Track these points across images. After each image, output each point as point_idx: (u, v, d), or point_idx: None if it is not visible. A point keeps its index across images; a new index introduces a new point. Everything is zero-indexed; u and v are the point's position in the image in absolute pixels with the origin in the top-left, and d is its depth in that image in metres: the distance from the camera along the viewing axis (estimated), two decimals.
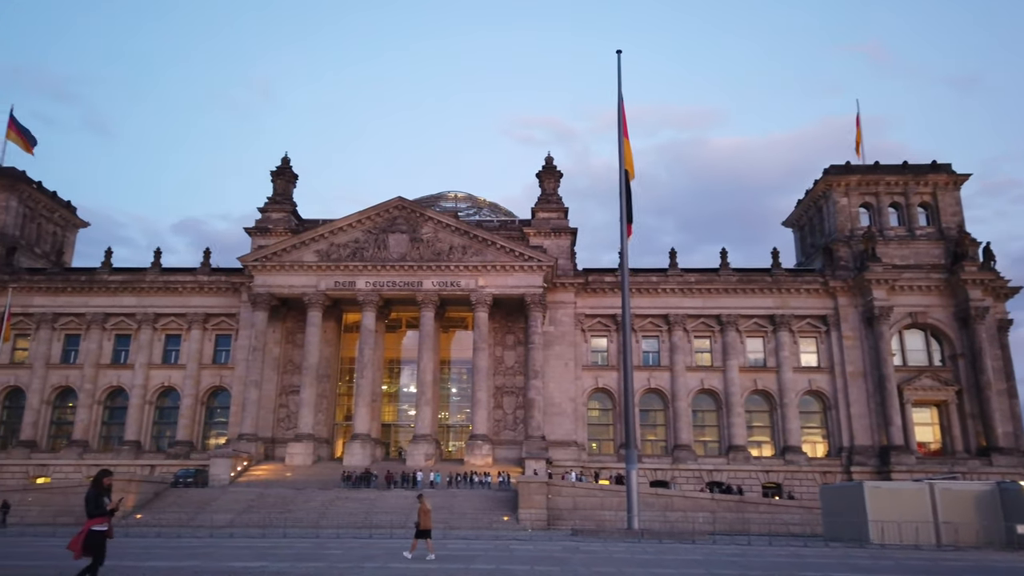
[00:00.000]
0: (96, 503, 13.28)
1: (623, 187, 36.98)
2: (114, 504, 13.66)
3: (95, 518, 13.20)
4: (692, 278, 70.89)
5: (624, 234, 37.58)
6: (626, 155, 37.81)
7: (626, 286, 39.55)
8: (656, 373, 69.46)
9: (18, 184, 75.11)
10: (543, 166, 74.00)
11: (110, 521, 13.55)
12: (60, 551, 23.82)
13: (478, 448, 61.00)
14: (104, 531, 13.33)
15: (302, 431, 62.34)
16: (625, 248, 37.86)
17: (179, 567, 17.36)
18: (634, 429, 38.44)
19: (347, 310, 69.86)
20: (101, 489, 13.54)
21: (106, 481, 13.72)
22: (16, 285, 70.78)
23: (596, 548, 28.01)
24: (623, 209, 37.16)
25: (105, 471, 13.97)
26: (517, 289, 65.26)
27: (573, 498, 47.48)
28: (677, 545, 31.19)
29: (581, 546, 29.24)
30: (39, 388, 69.80)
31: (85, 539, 13.01)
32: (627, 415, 36.45)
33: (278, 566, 18.04)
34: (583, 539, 34.17)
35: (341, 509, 46.03)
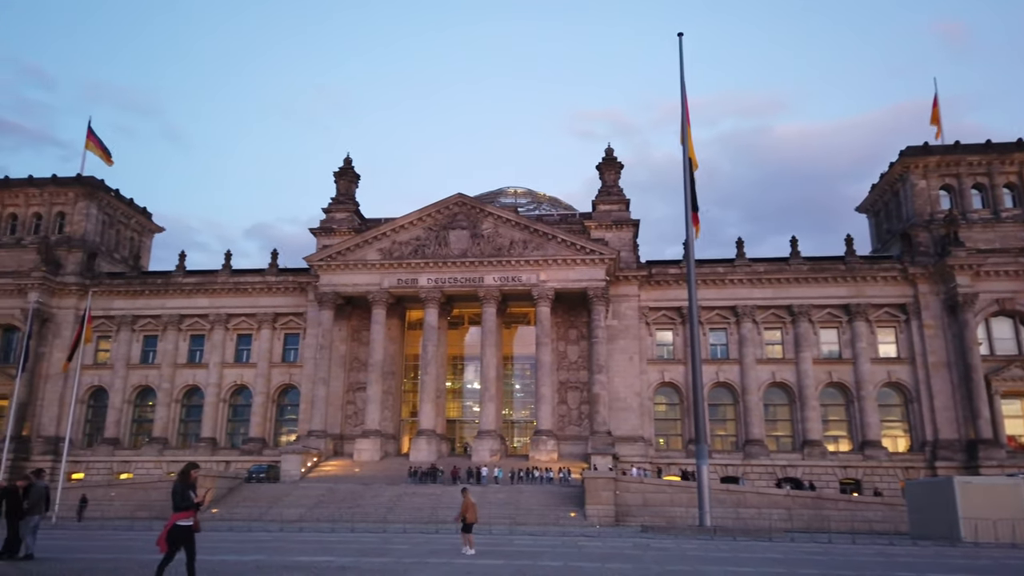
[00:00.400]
0: (182, 496, 13.09)
1: (687, 173, 35.83)
2: (200, 498, 13.48)
3: (181, 512, 13.02)
4: (761, 268, 68.72)
5: (689, 222, 36.42)
6: (689, 141, 36.61)
7: (692, 276, 38.34)
8: (725, 366, 67.61)
9: (97, 192, 78.32)
10: (603, 158, 72.95)
11: (196, 515, 13.30)
12: (136, 544, 24.42)
13: (543, 444, 60.49)
14: (189, 525, 13.11)
15: (369, 427, 63.05)
16: (691, 237, 36.70)
17: (244, 560, 17.40)
18: (704, 423, 37.29)
19: (410, 307, 70.33)
20: (188, 482, 13.32)
21: (193, 475, 13.46)
22: (97, 289, 73.73)
23: (668, 545, 27.14)
24: (688, 196, 36.01)
25: (192, 464, 13.71)
26: (579, 283, 64.44)
27: (642, 494, 46.50)
28: (753, 543, 29.99)
29: (652, 543, 28.40)
30: (121, 387, 72.65)
31: (169, 533, 12.88)
32: (696, 409, 35.30)
33: (343, 561, 17.92)
34: (653, 536, 33.28)
35: (408, 504, 46.24)
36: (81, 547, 22.92)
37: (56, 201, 77.52)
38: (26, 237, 76.41)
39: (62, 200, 77.47)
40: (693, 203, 36.47)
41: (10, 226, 77.42)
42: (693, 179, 36.19)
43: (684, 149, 36.08)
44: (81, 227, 76.65)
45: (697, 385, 36.72)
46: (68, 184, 77.56)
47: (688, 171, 36.11)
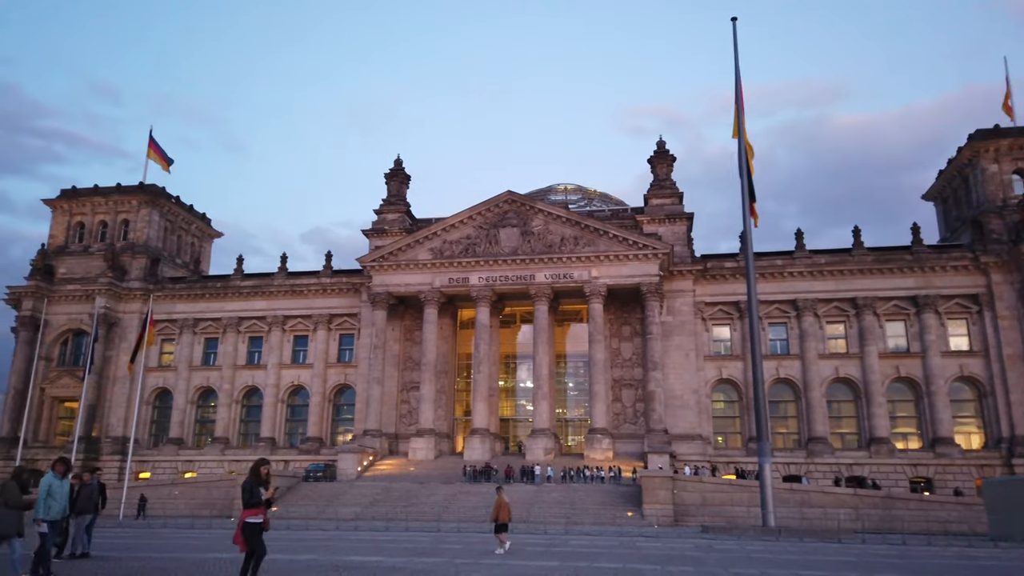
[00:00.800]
0: (251, 493, 12.68)
1: (743, 160, 34.61)
2: (270, 494, 12.94)
3: (250, 508, 12.59)
4: (822, 259, 66.45)
5: (747, 211, 35.17)
6: (743, 127, 35.36)
7: (750, 267, 37.03)
8: (785, 362, 65.59)
9: (158, 199, 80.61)
10: (655, 151, 71.65)
11: (266, 513, 12.83)
12: (190, 543, 24.64)
13: (597, 442, 59.65)
14: (259, 523, 12.66)
15: (423, 426, 63.21)
16: (748, 227, 35.44)
17: (296, 560, 17.25)
18: (765, 420, 35.97)
19: (462, 306, 70.27)
20: (258, 479, 12.87)
21: (263, 471, 12.96)
22: (160, 294, 75.93)
23: (730, 546, 26.14)
24: (745, 184, 34.78)
25: (262, 461, 13.21)
26: (632, 278, 63.34)
27: (700, 493, 45.30)
28: (822, 544, 28.68)
29: (714, 544, 27.42)
30: (184, 389, 74.57)
31: (241, 530, 12.50)
32: (757, 405, 34.10)
33: (393, 561, 17.60)
34: (714, 537, 32.21)
35: (463, 503, 46.03)
36: (138, 545, 23.25)
37: (120, 209, 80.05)
38: (93, 244, 79.12)
39: (126, 208, 79.96)
40: (750, 192, 35.21)
41: (78, 234, 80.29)
42: (750, 167, 34.94)
43: (740, 136, 34.86)
44: (144, 233, 78.97)
45: (758, 380, 35.45)
46: (131, 192, 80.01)
47: (744, 159, 34.89)
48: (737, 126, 35.51)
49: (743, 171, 34.72)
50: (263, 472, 12.98)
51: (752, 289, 36.79)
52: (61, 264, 77.82)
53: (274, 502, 13.05)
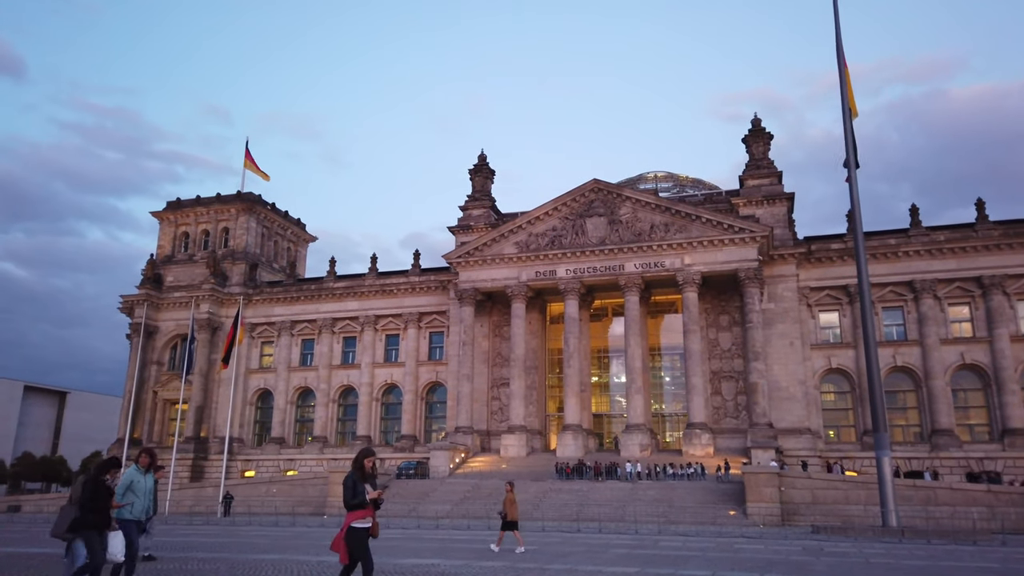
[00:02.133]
0: (355, 491, 10.49)
1: (848, 123, 31.36)
2: (377, 495, 10.72)
3: (355, 510, 10.42)
4: (941, 236, 60.85)
5: (853, 179, 31.87)
6: (848, 93, 32.08)
7: (860, 241, 33.52)
8: (902, 349, 60.44)
9: (255, 207, 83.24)
10: (749, 129, 67.76)
11: (374, 515, 10.62)
12: (263, 542, 24.13)
13: (696, 437, 56.70)
14: (366, 528, 10.44)
15: (514, 423, 62.08)
16: (855, 195, 32.10)
17: None
18: (882, 411, 32.52)
19: (550, 300, 68.72)
20: (363, 473, 10.64)
21: (368, 464, 10.75)
22: (258, 297, 78.36)
23: (845, 549, 23.34)
24: (850, 148, 31.50)
25: (367, 451, 10.95)
26: (728, 265, 59.93)
27: (810, 490, 41.88)
28: (954, 547, 25.29)
29: (825, 546, 24.65)
30: (284, 389, 76.55)
31: (345, 537, 10.33)
32: (873, 391, 30.82)
33: (450, 564, 16.15)
34: (826, 538, 29.21)
35: (554, 501, 44.45)
36: (207, 544, 22.93)
37: (220, 218, 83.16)
38: (197, 253, 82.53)
39: (225, 216, 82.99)
40: (855, 155, 31.84)
41: (183, 244, 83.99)
42: (853, 133, 31.62)
43: (843, 98, 31.60)
44: (242, 240, 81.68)
45: (873, 367, 32.09)
46: (229, 201, 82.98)
47: (848, 122, 31.61)
48: (842, 86, 32.25)
49: (848, 133, 31.44)
50: (368, 465, 10.75)
51: (863, 267, 33.35)
52: (169, 273, 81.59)
53: (382, 502, 10.89)
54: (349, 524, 10.40)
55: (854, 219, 33.16)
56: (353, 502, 10.49)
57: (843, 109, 31.33)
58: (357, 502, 10.48)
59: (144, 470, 13.52)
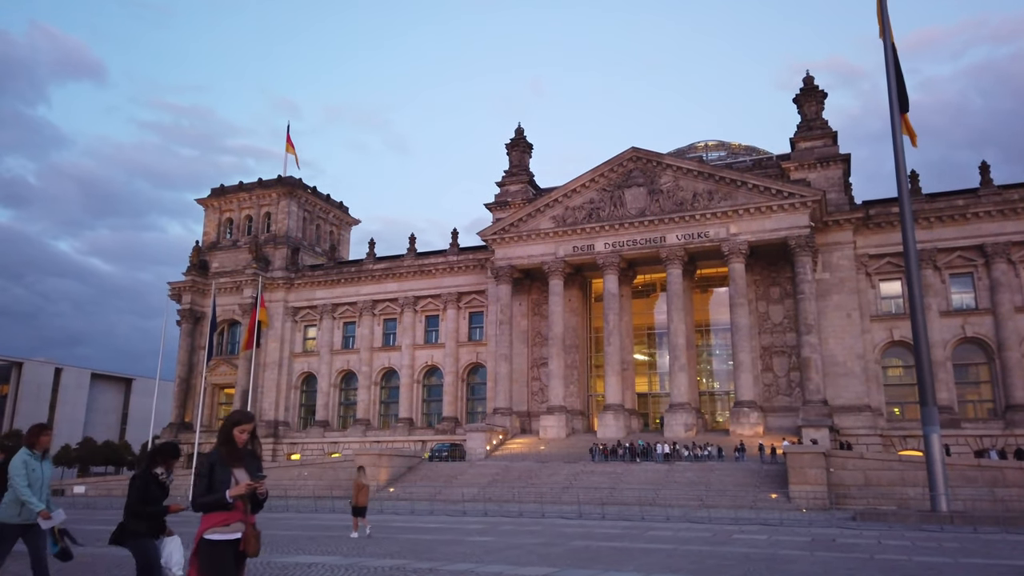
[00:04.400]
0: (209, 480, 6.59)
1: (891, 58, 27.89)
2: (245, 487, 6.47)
3: (211, 512, 6.58)
4: (1015, 195, 55.72)
5: (897, 125, 28.41)
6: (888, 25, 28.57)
7: (904, 193, 29.91)
8: (973, 319, 55.71)
9: (296, 191, 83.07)
10: (801, 88, 63.46)
11: (250, 519, 6.62)
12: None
13: (744, 416, 53.53)
14: (229, 542, 6.52)
15: (553, 403, 60.06)
16: (899, 143, 28.61)
17: (316, 564, 14.18)
18: (929, 381, 29.08)
19: (591, 277, 66.22)
20: (232, 451, 6.67)
21: (240, 434, 6.70)
22: (300, 281, 78.28)
23: (864, 540, 20.27)
24: (893, 88, 28.02)
25: (239, 415, 6.90)
26: (777, 232, 56.20)
27: (863, 471, 38.51)
28: (1001, 536, 21.99)
29: (844, 536, 21.68)
30: (327, 372, 76.38)
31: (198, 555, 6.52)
32: (920, 364, 27.53)
33: (418, 567, 13.98)
34: (861, 525, 26.14)
35: (585, 483, 42.27)
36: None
37: (262, 203, 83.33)
38: (241, 238, 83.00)
39: (267, 201, 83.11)
40: (902, 101, 28.34)
41: (227, 230, 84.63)
42: (899, 68, 28.10)
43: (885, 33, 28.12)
44: (284, 224, 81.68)
45: (919, 334, 28.72)
46: (271, 186, 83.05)
47: (892, 58, 28.10)
48: (881, 21, 28.77)
49: (891, 71, 27.96)
50: (240, 438, 6.67)
51: (908, 218, 29.86)
52: (214, 259, 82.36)
53: (264, 498, 6.73)
54: (201, 534, 6.55)
55: (899, 164, 29.57)
56: (205, 499, 6.52)
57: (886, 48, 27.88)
58: (211, 499, 6.48)
59: (40, 455, 9.56)
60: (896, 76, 27.87)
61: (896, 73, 27.91)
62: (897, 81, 27.86)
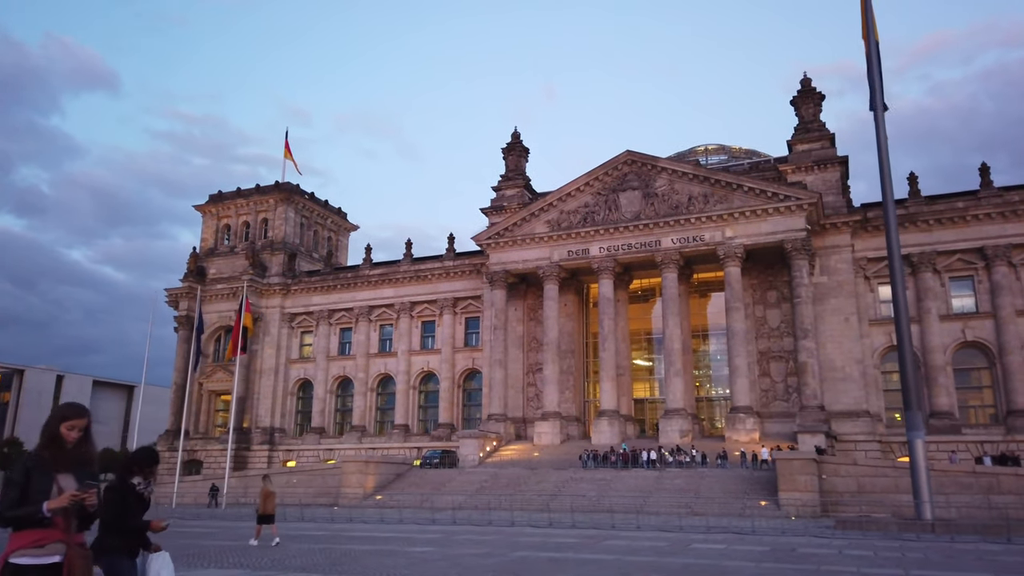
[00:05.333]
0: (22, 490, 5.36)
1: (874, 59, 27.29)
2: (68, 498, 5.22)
3: (20, 530, 5.34)
4: (1016, 197, 54.87)
5: (879, 117, 27.72)
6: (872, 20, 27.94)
7: (888, 187, 29.23)
8: (973, 322, 54.80)
9: (293, 196, 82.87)
10: (798, 90, 62.78)
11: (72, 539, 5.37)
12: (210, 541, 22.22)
13: (740, 422, 52.70)
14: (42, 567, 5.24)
15: (547, 409, 59.42)
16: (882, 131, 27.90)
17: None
18: (912, 383, 28.28)
19: (587, 281, 65.58)
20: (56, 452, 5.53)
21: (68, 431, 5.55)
22: (296, 287, 78.02)
23: (827, 551, 19.47)
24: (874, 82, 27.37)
25: (68, 408, 5.78)
26: (773, 236, 55.46)
27: (855, 478, 37.71)
28: (977, 546, 21.15)
29: (809, 546, 20.72)
30: (323, 379, 75.97)
31: None
32: (903, 365, 26.76)
33: None
34: (839, 533, 25.34)
35: (573, 491, 41.59)
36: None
37: (260, 208, 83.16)
38: (238, 245, 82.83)
39: (264, 207, 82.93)
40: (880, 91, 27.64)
41: (225, 236, 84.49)
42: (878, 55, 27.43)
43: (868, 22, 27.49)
44: (281, 230, 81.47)
45: (903, 336, 27.97)
46: (268, 192, 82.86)
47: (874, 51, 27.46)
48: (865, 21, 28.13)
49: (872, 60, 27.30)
50: (69, 436, 5.55)
51: (891, 214, 29.18)
52: (211, 265, 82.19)
53: (92, 507, 5.42)
54: (6, 559, 5.26)
55: (882, 157, 28.79)
56: (14, 512, 5.28)
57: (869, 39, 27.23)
58: (22, 513, 5.26)
59: None
60: (879, 77, 27.23)
61: (879, 74, 27.27)
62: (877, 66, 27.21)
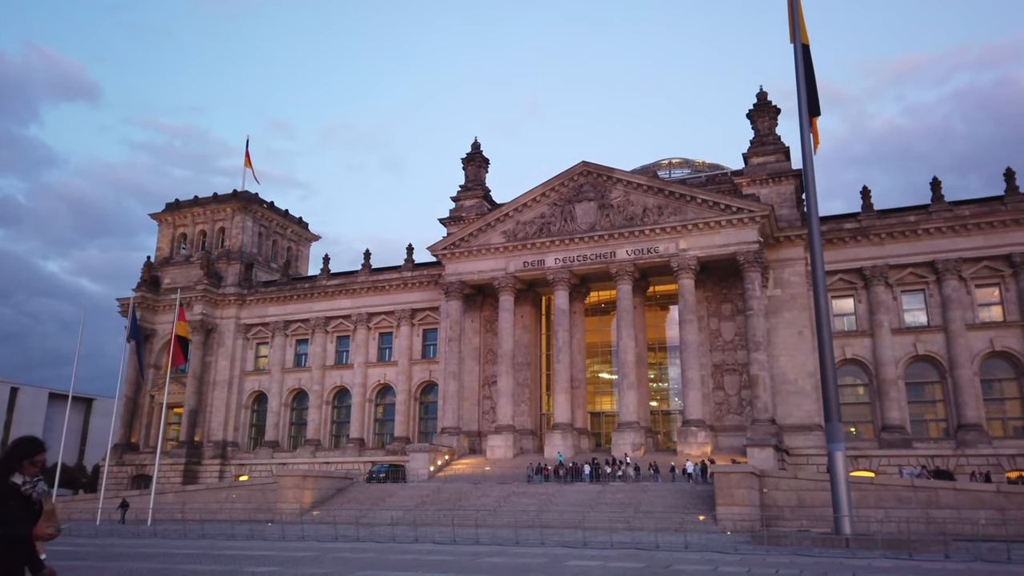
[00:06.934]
0: None
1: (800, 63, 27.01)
2: None
3: None
4: (966, 211, 55.10)
5: (806, 131, 27.43)
6: (801, 24, 27.70)
7: (812, 201, 28.96)
8: (925, 336, 54.84)
9: (251, 205, 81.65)
10: (754, 103, 62.91)
11: None
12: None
13: (692, 435, 52.15)
14: None
15: (501, 422, 58.54)
16: (808, 149, 27.60)
17: None
18: (833, 396, 27.79)
19: (545, 293, 64.97)
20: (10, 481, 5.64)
21: None
22: (253, 298, 76.63)
23: (702, 567, 18.82)
24: (802, 94, 27.10)
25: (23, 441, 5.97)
26: (726, 248, 55.22)
27: (797, 492, 37.20)
28: (870, 563, 20.46)
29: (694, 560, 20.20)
30: (278, 392, 74.49)
31: None
32: (825, 377, 26.30)
33: None
34: (749, 549, 24.73)
35: (514, 505, 40.68)
36: None
37: (217, 217, 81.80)
38: (194, 254, 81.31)
39: (222, 216, 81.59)
40: (811, 103, 27.36)
41: (181, 245, 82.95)
42: (811, 69, 27.17)
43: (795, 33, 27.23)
44: (238, 240, 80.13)
45: (825, 347, 27.57)
46: (226, 200, 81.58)
47: (803, 61, 27.20)
48: (792, 25, 27.88)
49: (800, 74, 27.05)
50: (31, 468, 5.61)
51: (815, 226, 28.92)
52: (166, 275, 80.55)
53: None
54: None
55: (807, 171, 28.48)
56: None
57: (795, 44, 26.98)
58: None
59: None
60: (807, 80, 26.95)
61: (808, 77, 26.99)
62: (808, 86, 26.93)
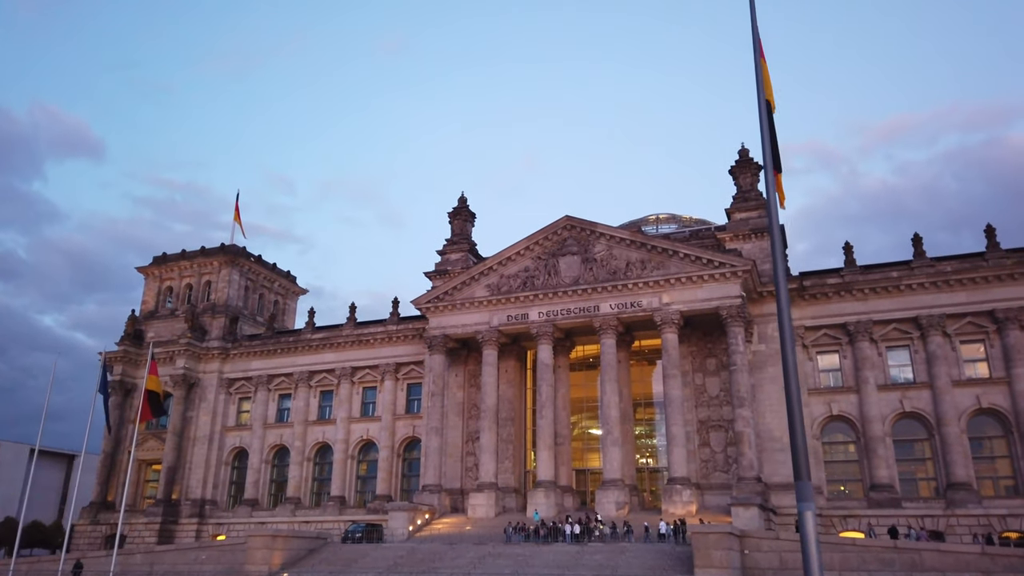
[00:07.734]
0: None
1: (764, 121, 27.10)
2: None
3: None
4: (948, 267, 55.16)
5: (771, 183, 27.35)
6: (765, 80, 27.93)
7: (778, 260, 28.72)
8: (911, 392, 54.26)
9: (238, 259, 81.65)
10: (736, 160, 63.50)
11: None
12: None
13: (676, 494, 50.98)
14: None
15: (483, 480, 57.31)
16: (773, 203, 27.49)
17: None
18: (802, 453, 27.07)
19: (529, 347, 64.43)
20: None
21: None
22: (236, 351, 75.93)
23: None
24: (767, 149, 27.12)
25: None
26: (709, 303, 55.01)
27: (779, 554, 36.09)
28: None
29: None
30: (259, 448, 73.12)
31: None
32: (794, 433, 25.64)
33: None
34: None
35: (489, 568, 39.35)
36: None
37: (204, 271, 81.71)
38: (179, 308, 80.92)
39: (208, 270, 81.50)
40: (775, 159, 27.35)
41: (167, 298, 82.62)
42: (772, 125, 27.23)
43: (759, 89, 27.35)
44: (224, 293, 79.85)
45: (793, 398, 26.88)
46: (212, 254, 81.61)
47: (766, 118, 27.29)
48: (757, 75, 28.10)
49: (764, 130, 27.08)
50: None
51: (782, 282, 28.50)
52: (150, 328, 79.97)
53: None
54: None
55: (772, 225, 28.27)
56: None
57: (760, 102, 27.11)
58: None
59: None
60: (771, 135, 27.04)
61: (771, 132, 27.09)
62: (772, 141, 27.01)
